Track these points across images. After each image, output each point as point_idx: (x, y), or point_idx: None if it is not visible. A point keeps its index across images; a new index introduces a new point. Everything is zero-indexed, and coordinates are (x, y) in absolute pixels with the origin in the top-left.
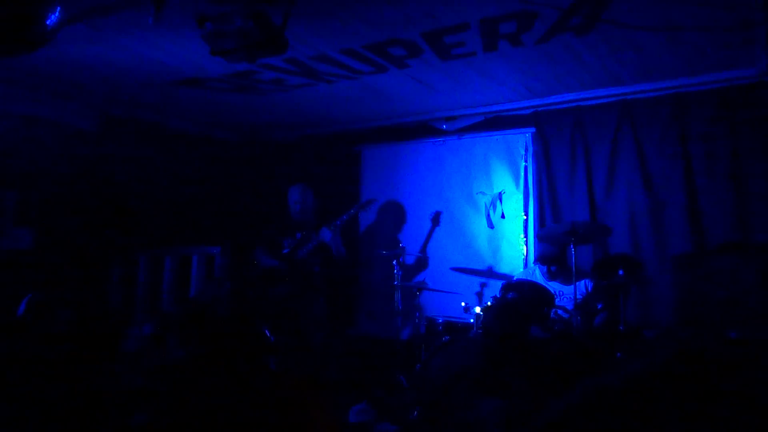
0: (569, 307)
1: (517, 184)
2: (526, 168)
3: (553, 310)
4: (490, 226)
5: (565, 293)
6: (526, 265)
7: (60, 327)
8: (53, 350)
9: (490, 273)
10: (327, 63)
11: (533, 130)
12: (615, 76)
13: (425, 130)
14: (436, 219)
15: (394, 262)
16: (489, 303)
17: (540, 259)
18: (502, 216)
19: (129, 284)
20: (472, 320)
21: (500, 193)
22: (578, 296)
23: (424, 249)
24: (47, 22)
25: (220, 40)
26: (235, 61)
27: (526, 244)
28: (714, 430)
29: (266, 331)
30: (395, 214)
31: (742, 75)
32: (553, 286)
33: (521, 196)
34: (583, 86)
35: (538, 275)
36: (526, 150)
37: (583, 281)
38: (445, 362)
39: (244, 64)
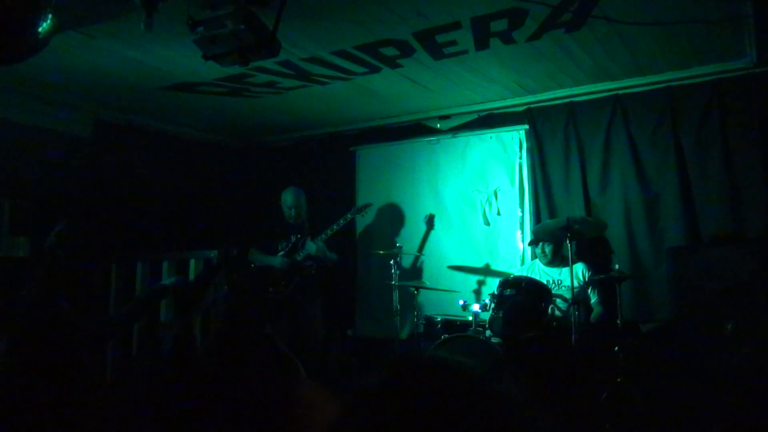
0: (566, 294)
1: (512, 181)
2: (520, 165)
3: (551, 303)
4: (486, 223)
5: (563, 281)
6: (523, 261)
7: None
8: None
9: (488, 270)
10: (319, 65)
11: (527, 126)
12: (606, 71)
13: (419, 129)
14: (430, 221)
15: (392, 262)
16: (487, 301)
17: (534, 240)
18: (498, 213)
19: (127, 290)
20: (470, 318)
21: (495, 190)
22: (574, 282)
23: (420, 248)
24: (38, 30)
25: (212, 45)
26: (228, 65)
27: (522, 241)
28: None
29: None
30: (391, 214)
31: (732, 67)
32: (551, 274)
33: (516, 193)
34: (576, 82)
35: (537, 270)
36: (521, 147)
37: (580, 266)
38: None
39: (236, 68)
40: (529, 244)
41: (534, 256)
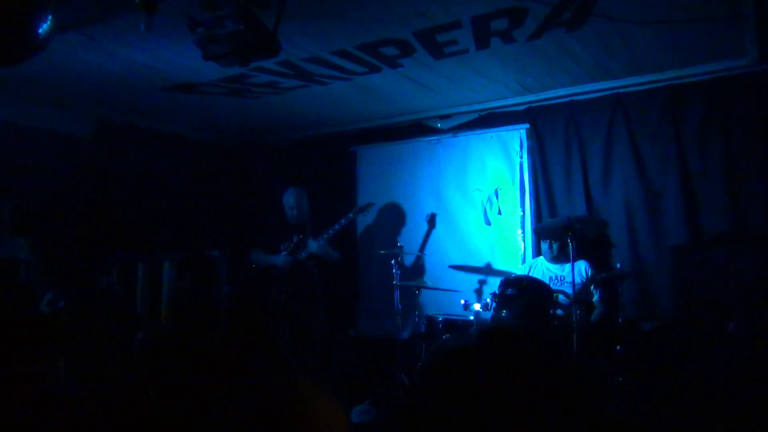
0: (569, 290)
1: (513, 181)
2: (521, 164)
3: (554, 297)
4: (487, 222)
5: (566, 278)
6: (524, 260)
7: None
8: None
9: (489, 270)
10: (320, 64)
11: (527, 126)
12: (607, 70)
13: (420, 128)
14: (431, 221)
15: (393, 262)
16: (488, 300)
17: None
18: (499, 213)
19: (128, 290)
20: (471, 317)
21: (496, 189)
22: (577, 279)
23: (422, 248)
24: (38, 31)
25: (212, 45)
26: (228, 65)
27: (523, 240)
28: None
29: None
30: (392, 214)
31: (733, 66)
32: (554, 270)
33: (517, 192)
34: (576, 81)
35: (540, 267)
36: (521, 146)
37: (583, 264)
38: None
39: (237, 68)
40: (539, 238)
41: (538, 253)
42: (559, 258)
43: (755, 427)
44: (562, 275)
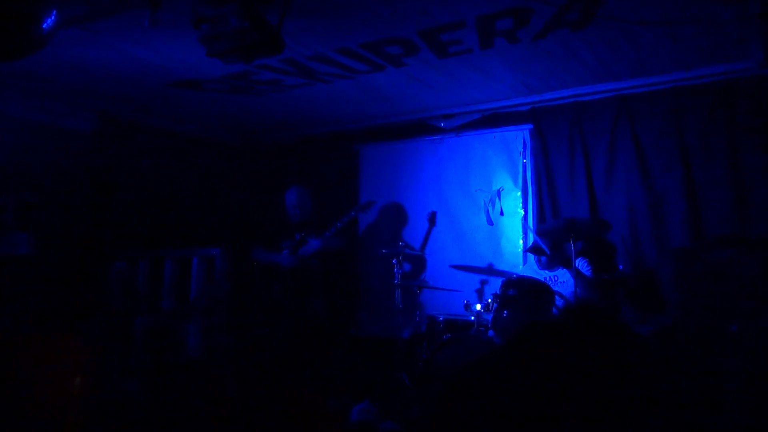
0: (565, 292)
1: (515, 181)
2: (524, 164)
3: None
4: (490, 223)
5: (559, 278)
6: (525, 261)
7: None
8: None
9: (490, 270)
10: (324, 62)
11: (531, 126)
12: (612, 71)
13: (423, 128)
14: (432, 219)
15: (394, 261)
16: (489, 300)
17: (531, 250)
18: (501, 213)
19: (129, 287)
20: (472, 318)
21: (499, 190)
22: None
23: (423, 247)
24: (43, 26)
25: (216, 42)
26: (232, 63)
27: (525, 241)
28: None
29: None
30: (394, 213)
31: (739, 68)
32: (548, 272)
33: (520, 193)
34: (580, 82)
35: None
36: (524, 146)
37: (579, 261)
38: (450, 361)
39: (240, 65)
40: (528, 251)
41: None
42: (550, 265)
43: (757, 428)
44: (555, 275)
